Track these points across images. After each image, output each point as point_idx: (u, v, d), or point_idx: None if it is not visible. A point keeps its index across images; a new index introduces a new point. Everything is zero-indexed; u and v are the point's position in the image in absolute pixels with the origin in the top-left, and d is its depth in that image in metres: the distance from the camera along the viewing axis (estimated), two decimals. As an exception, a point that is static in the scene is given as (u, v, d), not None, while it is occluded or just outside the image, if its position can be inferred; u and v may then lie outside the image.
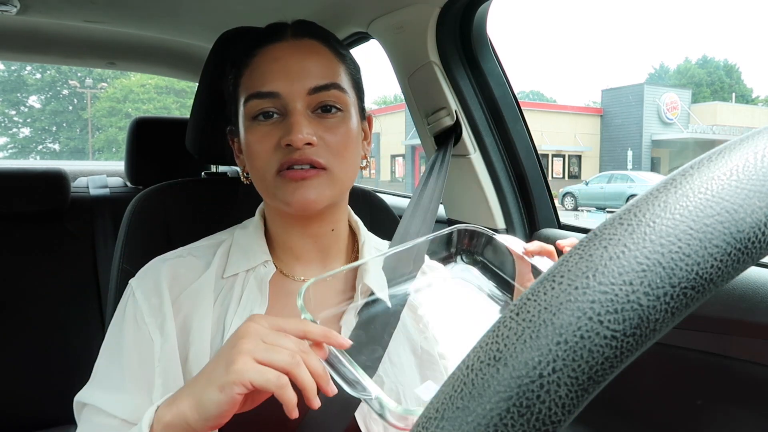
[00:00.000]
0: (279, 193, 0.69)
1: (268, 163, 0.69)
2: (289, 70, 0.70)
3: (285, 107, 0.69)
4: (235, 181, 1.01)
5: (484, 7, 1.23)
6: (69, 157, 33.43)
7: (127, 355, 0.67)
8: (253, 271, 0.73)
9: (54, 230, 1.58)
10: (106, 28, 1.63)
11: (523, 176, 1.29)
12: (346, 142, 0.71)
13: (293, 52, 0.71)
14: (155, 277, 0.71)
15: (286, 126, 0.68)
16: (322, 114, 0.70)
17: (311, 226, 0.76)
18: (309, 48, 0.73)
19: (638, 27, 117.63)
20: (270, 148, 0.69)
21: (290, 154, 0.67)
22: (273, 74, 0.70)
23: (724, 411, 0.88)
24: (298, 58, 0.71)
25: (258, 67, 0.71)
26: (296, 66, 0.70)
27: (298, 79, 0.69)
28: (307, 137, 0.67)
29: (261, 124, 0.70)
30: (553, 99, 55.06)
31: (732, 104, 30.96)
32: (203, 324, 0.68)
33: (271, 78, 0.70)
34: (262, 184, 0.72)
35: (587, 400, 0.20)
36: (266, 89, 0.69)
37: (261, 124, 0.70)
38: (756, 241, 0.21)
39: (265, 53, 0.72)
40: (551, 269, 0.22)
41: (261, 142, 0.69)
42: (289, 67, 0.70)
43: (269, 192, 0.71)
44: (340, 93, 0.71)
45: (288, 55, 0.71)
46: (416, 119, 1.37)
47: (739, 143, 0.23)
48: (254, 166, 0.71)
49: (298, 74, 0.70)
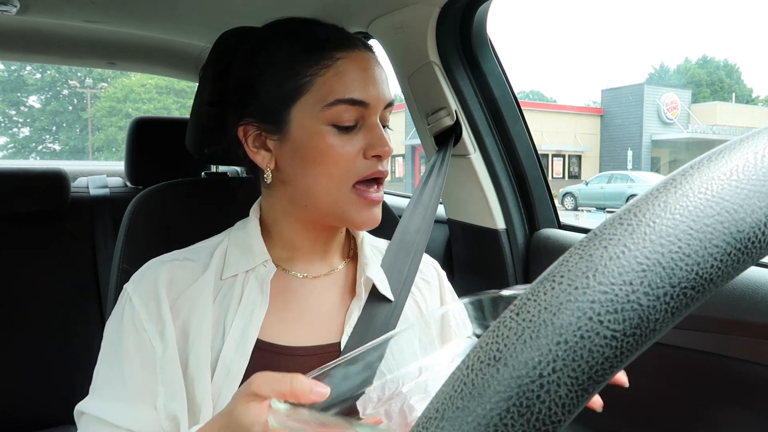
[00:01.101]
0: (349, 210, 0.70)
1: (349, 172, 0.68)
2: (376, 82, 0.70)
3: (366, 118, 0.70)
4: (236, 181, 1.01)
5: (484, 7, 1.23)
6: (69, 157, 33.44)
7: (127, 363, 0.66)
8: (253, 272, 0.72)
9: (54, 230, 1.58)
10: (106, 28, 1.63)
11: (523, 176, 1.30)
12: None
13: (373, 65, 0.72)
14: (152, 280, 0.69)
15: (371, 138, 0.69)
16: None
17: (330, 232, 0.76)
18: (376, 61, 0.74)
19: (638, 27, 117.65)
20: (352, 157, 0.68)
21: (375, 166, 0.69)
22: (365, 83, 0.69)
23: (724, 411, 0.88)
24: (377, 71, 0.72)
25: (346, 72, 0.69)
26: (379, 78, 0.71)
27: (381, 92, 0.71)
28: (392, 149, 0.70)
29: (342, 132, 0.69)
30: (553, 99, 55.09)
31: (732, 104, 30.97)
32: (202, 326, 0.67)
33: (363, 86, 0.69)
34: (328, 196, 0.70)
35: (587, 400, 0.20)
36: (359, 97, 0.68)
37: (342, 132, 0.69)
38: (756, 241, 0.21)
39: (352, 58, 0.70)
40: (551, 269, 0.22)
41: (343, 148, 0.68)
42: (375, 78, 0.71)
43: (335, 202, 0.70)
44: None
45: (372, 67, 0.71)
46: (416, 119, 1.37)
47: (739, 143, 0.23)
48: (327, 173, 0.69)
49: (381, 87, 0.71)
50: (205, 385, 0.64)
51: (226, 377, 0.65)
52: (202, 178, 1.13)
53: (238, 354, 0.66)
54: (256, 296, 0.70)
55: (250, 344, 0.67)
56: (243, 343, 0.67)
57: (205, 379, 0.65)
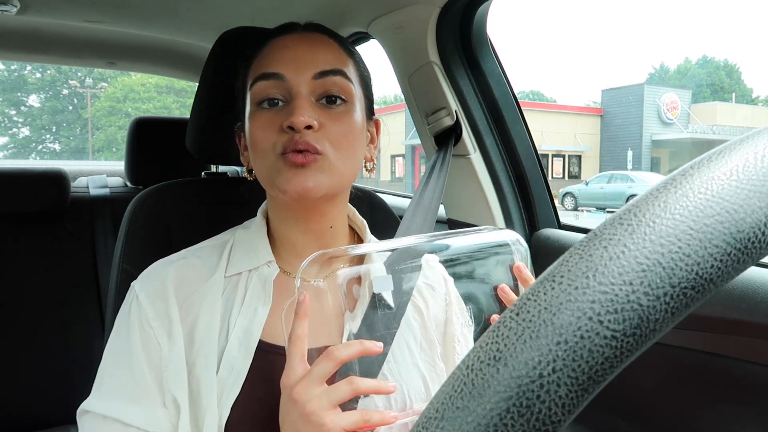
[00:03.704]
0: (278, 180, 0.68)
1: (271, 149, 0.69)
2: (296, 56, 0.70)
3: (289, 92, 0.69)
4: (236, 181, 1.01)
5: (484, 7, 1.23)
6: (69, 157, 33.44)
7: (136, 360, 0.66)
8: (256, 271, 0.72)
9: (54, 230, 1.58)
10: (106, 28, 1.63)
11: (523, 176, 1.30)
12: (348, 133, 0.71)
13: (302, 42, 0.73)
14: (160, 280, 0.70)
15: (289, 110, 0.68)
16: (327, 104, 0.70)
17: (311, 221, 0.75)
18: (318, 39, 0.74)
19: (638, 27, 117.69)
20: (273, 134, 0.68)
21: (291, 138, 0.67)
22: (280, 59, 0.70)
23: (724, 411, 0.88)
24: (306, 46, 0.72)
25: (267, 55, 0.72)
26: (304, 52, 0.71)
27: (304, 64, 0.70)
28: (308, 120, 0.66)
29: (265, 110, 0.70)
30: (553, 99, 55.08)
31: (732, 104, 30.96)
32: (211, 325, 0.67)
33: (277, 62, 0.70)
34: (263, 173, 0.71)
35: (587, 400, 0.20)
36: (271, 70, 0.69)
37: (265, 110, 0.70)
38: (756, 241, 0.21)
39: (275, 43, 0.73)
40: (551, 269, 0.22)
41: (264, 128, 0.69)
42: (296, 53, 0.71)
43: (270, 179, 0.70)
44: (345, 81, 0.71)
45: (296, 44, 0.72)
46: (416, 119, 1.37)
47: (739, 143, 0.23)
48: (256, 154, 0.70)
49: (304, 60, 0.70)
50: (211, 382, 0.64)
51: (230, 374, 0.65)
52: (202, 178, 1.12)
53: (242, 352, 0.66)
54: (259, 295, 0.70)
55: (253, 343, 0.67)
56: (246, 341, 0.67)
57: (211, 376, 0.65)
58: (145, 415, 0.63)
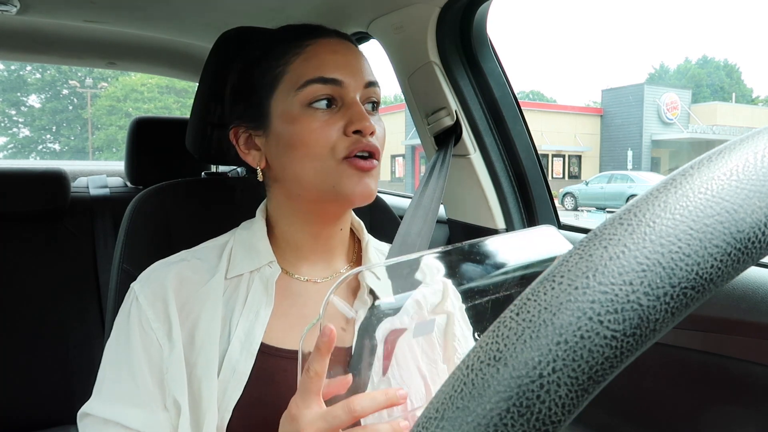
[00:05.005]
0: (340, 184, 0.68)
1: (333, 150, 0.68)
2: (349, 62, 0.72)
3: (344, 97, 0.70)
4: (236, 181, 1.01)
5: (484, 7, 1.23)
6: (69, 157, 33.44)
7: (136, 363, 0.65)
8: (258, 272, 0.72)
9: (54, 230, 1.58)
10: (106, 28, 1.63)
11: (523, 176, 1.30)
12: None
13: (348, 49, 0.74)
14: (160, 281, 0.69)
15: (350, 115, 0.69)
16: (369, 110, 0.73)
17: (328, 226, 0.75)
18: (355, 48, 0.76)
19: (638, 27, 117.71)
20: (331, 136, 0.68)
21: (359, 142, 0.68)
22: (336, 63, 0.71)
23: (724, 411, 0.88)
24: (353, 54, 0.73)
25: (316, 56, 0.71)
26: (354, 60, 0.73)
27: (358, 72, 0.72)
28: (373, 126, 0.69)
29: (321, 111, 0.69)
30: (553, 99, 55.06)
31: (732, 104, 30.96)
32: (211, 327, 0.67)
33: (334, 66, 0.70)
34: (313, 176, 0.69)
35: (587, 400, 0.20)
36: (330, 75, 0.69)
37: (321, 111, 0.69)
38: (756, 241, 0.21)
39: (321, 44, 0.72)
40: (551, 269, 0.22)
41: (321, 129, 0.68)
42: (348, 59, 0.72)
43: (326, 183, 0.69)
44: (380, 92, 0.75)
45: (344, 49, 0.73)
46: (416, 119, 1.37)
47: (739, 143, 0.23)
48: (306, 155, 0.69)
49: (356, 67, 0.72)
50: (212, 384, 0.64)
51: (232, 376, 0.65)
52: (202, 178, 1.12)
53: (244, 355, 0.66)
54: (260, 297, 0.70)
55: (255, 345, 0.67)
56: (248, 343, 0.67)
57: (212, 378, 0.64)
58: (145, 418, 0.63)
